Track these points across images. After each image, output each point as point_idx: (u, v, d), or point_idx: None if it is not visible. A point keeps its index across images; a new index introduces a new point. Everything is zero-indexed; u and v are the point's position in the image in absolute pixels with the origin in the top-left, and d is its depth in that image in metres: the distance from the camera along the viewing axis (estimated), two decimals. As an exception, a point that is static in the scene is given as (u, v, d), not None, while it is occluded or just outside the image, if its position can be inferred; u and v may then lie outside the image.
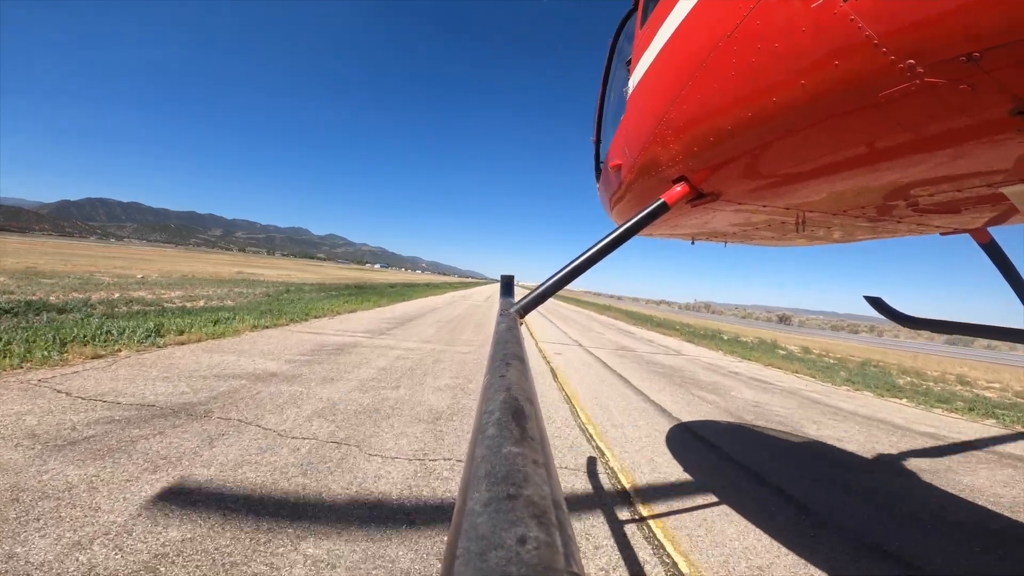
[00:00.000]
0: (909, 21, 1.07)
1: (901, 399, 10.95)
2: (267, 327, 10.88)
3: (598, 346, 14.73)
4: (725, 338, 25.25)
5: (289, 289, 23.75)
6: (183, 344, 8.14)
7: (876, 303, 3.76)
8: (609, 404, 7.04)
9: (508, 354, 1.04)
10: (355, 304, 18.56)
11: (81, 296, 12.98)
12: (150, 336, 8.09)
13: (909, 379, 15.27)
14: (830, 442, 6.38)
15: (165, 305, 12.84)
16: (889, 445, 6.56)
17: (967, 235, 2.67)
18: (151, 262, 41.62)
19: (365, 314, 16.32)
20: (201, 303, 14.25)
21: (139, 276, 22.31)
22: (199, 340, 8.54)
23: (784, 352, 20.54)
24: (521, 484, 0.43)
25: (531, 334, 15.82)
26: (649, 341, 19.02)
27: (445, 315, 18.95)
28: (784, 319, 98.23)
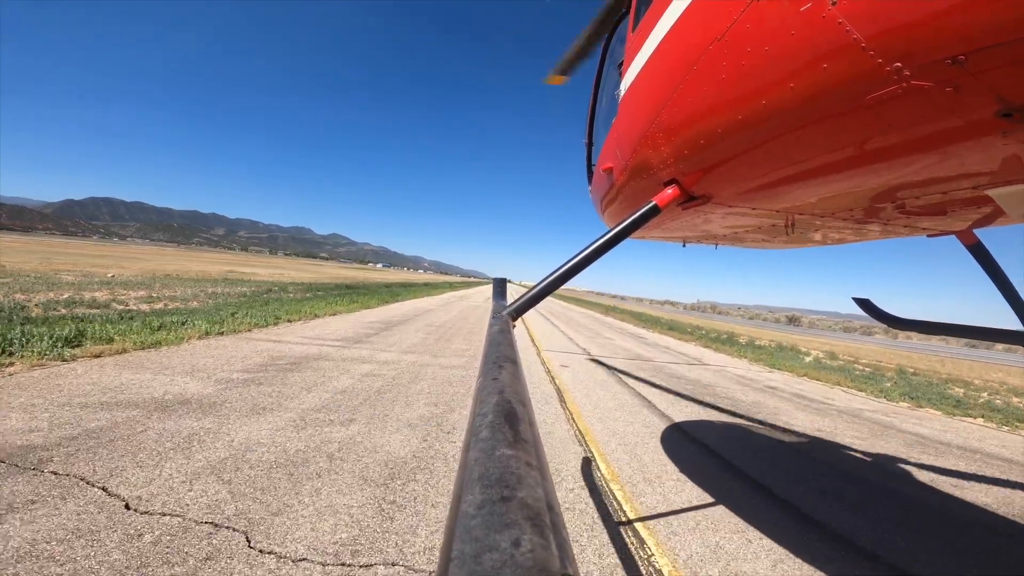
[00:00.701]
0: (896, 24, 1.06)
1: (975, 418, 9.17)
2: (222, 334, 9.23)
3: (610, 355, 12.99)
4: (742, 342, 23.46)
5: (273, 289, 22.17)
6: (98, 356, 6.49)
7: (864, 304, 3.71)
8: (636, 444, 5.29)
9: (501, 356, 1.01)
10: (339, 306, 16.90)
11: (23, 298, 11.41)
12: (58, 346, 6.46)
13: (960, 390, 13.47)
14: (954, 495, 4.66)
15: (117, 307, 11.25)
16: None
17: (953, 236, 2.63)
18: (139, 260, 40.23)
19: (348, 317, 14.65)
20: (161, 305, 12.65)
21: (110, 275, 20.76)
22: (122, 351, 6.88)
23: (810, 358, 18.75)
24: (515, 486, 0.43)
25: (532, 341, 14.12)
26: (665, 348, 17.25)
27: (437, 319, 17.23)
28: (793, 320, 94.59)
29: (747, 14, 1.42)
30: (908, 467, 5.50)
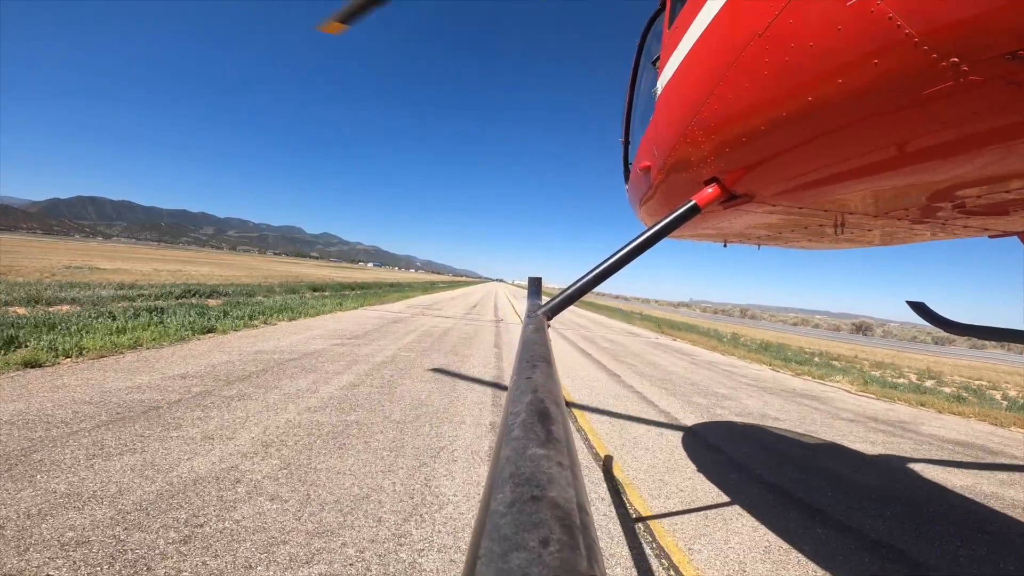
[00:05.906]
0: (949, 20, 1.03)
1: None
2: None
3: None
4: (909, 382, 13.57)
5: None
6: None
7: (919, 308, 3.52)
8: None
9: (535, 356, 1.01)
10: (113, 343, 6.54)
11: None
12: None
13: None
14: None
15: None
16: None
17: (1015, 238, 2.48)
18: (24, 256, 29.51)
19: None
20: None
21: None
22: None
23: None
24: (545, 486, 0.43)
25: (588, 436, 3.94)
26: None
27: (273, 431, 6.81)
28: (864, 328, 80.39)
29: (789, 8, 1.38)
30: None
